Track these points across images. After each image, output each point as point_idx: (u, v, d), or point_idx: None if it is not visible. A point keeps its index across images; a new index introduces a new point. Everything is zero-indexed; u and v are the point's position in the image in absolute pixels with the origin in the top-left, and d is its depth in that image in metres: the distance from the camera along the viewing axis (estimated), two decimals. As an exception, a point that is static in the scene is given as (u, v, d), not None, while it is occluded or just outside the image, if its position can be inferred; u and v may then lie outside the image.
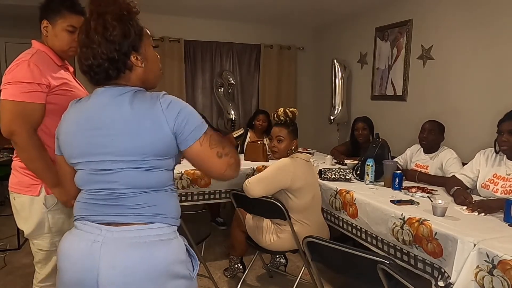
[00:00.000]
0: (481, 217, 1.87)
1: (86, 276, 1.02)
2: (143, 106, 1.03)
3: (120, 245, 1.03)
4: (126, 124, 1.03)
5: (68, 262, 1.07)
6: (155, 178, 1.07)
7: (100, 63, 1.04)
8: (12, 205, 1.61)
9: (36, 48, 1.56)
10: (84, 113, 1.09)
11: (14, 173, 1.58)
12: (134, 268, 1.01)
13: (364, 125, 3.55)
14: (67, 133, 1.12)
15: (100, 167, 1.06)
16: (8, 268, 2.89)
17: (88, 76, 1.09)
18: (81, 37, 1.06)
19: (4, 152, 3.58)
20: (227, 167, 1.10)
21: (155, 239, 1.05)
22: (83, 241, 1.06)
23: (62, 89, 1.55)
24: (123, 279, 1.01)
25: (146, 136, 1.02)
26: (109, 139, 1.04)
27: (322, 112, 5.32)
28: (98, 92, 1.10)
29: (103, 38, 1.03)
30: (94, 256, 1.02)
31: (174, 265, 1.07)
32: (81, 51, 1.06)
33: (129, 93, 1.06)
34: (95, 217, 1.07)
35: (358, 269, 1.49)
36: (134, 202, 1.06)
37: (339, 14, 4.67)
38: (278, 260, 2.87)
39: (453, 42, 3.36)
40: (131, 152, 1.03)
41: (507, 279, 1.38)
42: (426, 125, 2.79)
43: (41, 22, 1.58)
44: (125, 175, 1.04)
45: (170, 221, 1.10)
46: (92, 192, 1.09)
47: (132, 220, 1.05)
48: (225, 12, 4.59)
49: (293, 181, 2.18)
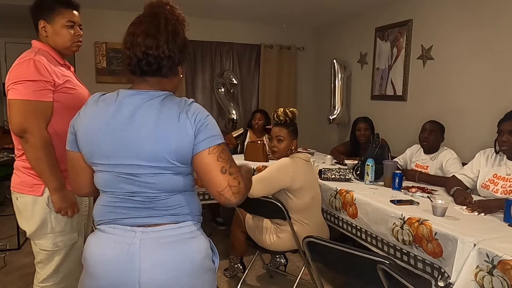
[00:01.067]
0: (481, 217, 1.87)
1: (126, 278, 1.05)
2: (172, 112, 1.05)
3: (157, 245, 1.07)
4: (155, 128, 1.03)
5: (104, 266, 1.07)
6: (183, 182, 1.11)
7: (160, 56, 1.06)
8: (14, 205, 1.60)
9: (37, 47, 1.56)
10: (111, 112, 1.07)
11: (17, 173, 1.58)
12: (175, 264, 1.07)
13: (366, 125, 3.54)
14: (90, 132, 1.08)
15: (129, 171, 1.06)
16: (8, 268, 2.88)
17: (135, 62, 1.07)
18: (146, 27, 1.06)
19: (4, 152, 3.58)
20: (226, 187, 1.05)
21: (188, 236, 1.11)
22: (117, 244, 1.07)
23: (66, 87, 1.56)
24: (165, 276, 1.05)
25: (172, 141, 1.04)
26: (137, 142, 1.04)
27: (322, 112, 5.31)
28: (127, 93, 1.09)
29: (172, 37, 1.07)
30: (133, 258, 1.05)
31: (206, 259, 1.14)
32: (146, 39, 1.05)
33: (159, 98, 1.08)
34: (126, 220, 1.09)
35: (358, 269, 1.49)
36: (167, 204, 1.10)
37: (339, 14, 4.67)
38: (278, 260, 2.87)
39: (453, 42, 3.36)
40: (158, 158, 1.04)
41: (507, 279, 1.38)
42: (426, 126, 2.79)
43: (38, 23, 1.57)
44: (154, 179, 1.06)
45: (197, 218, 1.17)
46: (119, 195, 1.09)
47: (166, 221, 1.10)
48: (225, 12, 4.59)
49: (293, 181, 2.18)
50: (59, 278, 1.61)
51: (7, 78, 1.49)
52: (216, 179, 1.05)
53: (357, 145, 3.62)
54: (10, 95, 1.46)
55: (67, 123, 1.26)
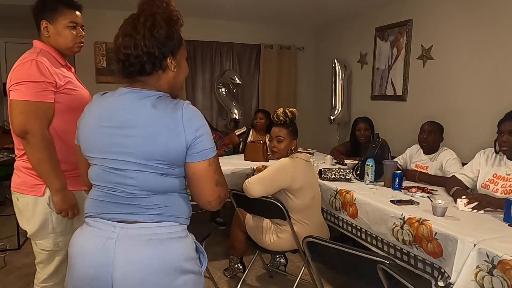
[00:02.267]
0: (481, 217, 1.87)
1: (100, 271, 1.05)
2: (164, 112, 1.05)
3: (134, 242, 1.06)
4: (144, 127, 1.05)
5: (82, 258, 1.09)
6: (167, 183, 1.10)
7: (140, 54, 1.05)
8: (15, 205, 1.60)
9: (39, 47, 1.56)
10: (106, 109, 1.10)
11: (18, 173, 1.58)
12: (148, 263, 1.05)
13: (366, 126, 3.54)
14: (87, 126, 1.13)
15: (115, 166, 1.07)
16: (8, 268, 2.88)
17: (121, 66, 1.09)
18: (125, 28, 1.08)
19: (4, 152, 3.58)
20: (216, 198, 1.13)
21: (167, 236, 1.09)
22: (96, 237, 1.08)
23: (67, 88, 1.55)
24: (138, 274, 1.04)
25: (161, 142, 1.04)
26: (126, 139, 1.06)
27: (322, 112, 5.32)
28: (123, 91, 1.11)
29: (149, 32, 1.05)
30: (109, 252, 1.05)
31: (185, 261, 1.11)
32: (123, 39, 1.06)
33: (153, 97, 1.08)
34: (108, 215, 1.10)
35: (358, 269, 1.49)
36: (148, 203, 1.09)
37: (339, 14, 4.67)
38: (278, 260, 2.87)
39: (453, 42, 3.36)
40: (144, 156, 1.05)
41: (507, 279, 1.38)
42: (425, 126, 2.79)
43: (40, 23, 1.57)
44: (139, 177, 1.07)
45: (182, 220, 1.14)
46: (104, 190, 1.11)
47: (146, 219, 1.09)
48: (225, 12, 4.59)
49: (293, 181, 2.18)
50: (59, 278, 1.61)
51: (9, 79, 1.48)
52: (210, 190, 1.12)
53: (357, 145, 3.62)
54: (11, 95, 1.46)
55: (68, 124, 1.26)
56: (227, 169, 2.91)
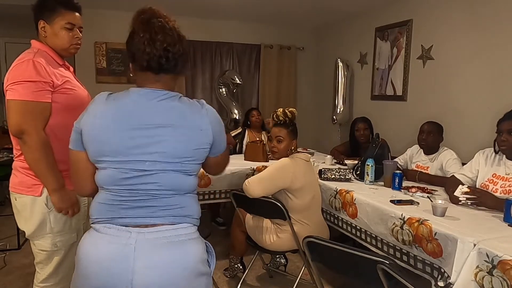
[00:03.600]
0: (481, 217, 1.87)
1: (118, 279, 1.04)
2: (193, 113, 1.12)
3: (154, 246, 1.06)
4: (177, 128, 1.08)
5: (97, 267, 1.06)
6: (188, 182, 1.14)
7: (178, 53, 1.11)
8: (13, 206, 1.60)
9: (37, 47, 1.56)
10: (123, 111, 1.08)
11: (16, 173, 1.58)
12: (170, 267, 1.06)
13: (365, 125, 3.54)
14: (100, 129, 1.07)
15: (139, 167, 1.07)
16: (8, 268, 2.88)
17: (156, 58, 1.08)
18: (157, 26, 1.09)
19: (4, 152, 3.58)
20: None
21: (185, 238, 1.11)
22: (112, 244, 1.06)
23: (65, 88, 1.55)
24: (159, 279, 1.04)
25: (195, 142, 1.11)
26: (154, 140, 1.07)
27: (322, 112, 5.32)
28: (141, 92, 1.10)
29: (180, 37, 1.13)
30: (128, 259, 1.03)
31: (201, 262, 1.13)
32: (164, 36, 1.08)
33: (175, 97, 1.12)
34: (121, 219, 1.08)
35: (358, 269, 1.49)
36: (167, 203, 1.10)
37: (339, 14, 4.67)
38: (278, 260, 2.87)
39: (453, 42, 3.36)
40: (179, 155, 1.08)
41: (507, 279, 1.38)
42: (424, 127, 2.79)
43: (38, 23, 1.57)
44: (164, 176, 1.08)
45: (195, 221, 1.18)
46: (119, 193, 1.08)
47: (163, 221, 1.09)
48: (225, 12, 4.59)
49: (293, 181, 2.18)
50: (58, 278, 1.61)
51: (6, 79, 1.48)
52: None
53: (357, 145, 3.62)
54: (8, 95, 1.46)
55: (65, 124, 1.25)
56: (227, 169, 2.87)
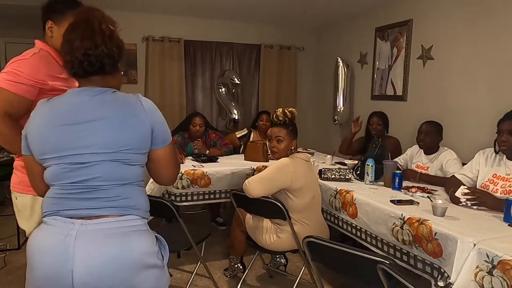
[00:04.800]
0: (481, 217, 1.87)
1: (60, 270, 1.05)
2: (126, 103, 1.13)
3: (95, 237, 1.07)
4: (109, 119, 1.10)
5: (40, 257, 1.08)
6: (130, 171, 1.14)
7: (101, 55, 1.12)
8: (14, 205, 1.61)
9: (39, 47, 1.57)
10: (59, 110, 1.13)
11: (16, 172, 1.58)
12: (110, 258, 1.06)
13: (379, 120, 3.51)
14: (39, 130, 1.13)
15: (77, 160, 1.09)
16: (8, 268, 2.88)
17: (77, 64, 1.12)
18: (81, 31, 1.13)
19: (4, 152, 3.58)
20: (175, 176, 1.31)
21: (129, 229, 1.11)
22: (55, 235, 1.08)
23: (63, 89, 1.54)
24: (99, 270, 1.04)
25: (129, 130, 1.11)
26: (89, 132, 1.09)
27: (322, 112, 5.32)
28: (74, 91, 1.15)
29: (108, 36, 1.14)
30: (68, 249, 1.04)
31: (147, 255, 1.13)
32: (83, 41, 1.11)
33: (109, 92, 1.14)
34: (67, 211, 1.10)
35: (358, 269, 1.49)
36: (109, 195, 1.11)
37: (339, 14, 4.67)
38: (278, 260, 2.87)
39: (453, 42, 3.36)
40: (112, 145, 1.09)
41: (506, 279, 1.38)
42: (422, 127, 2.79)
43: (46, 23, 1.58)
44: (102, 167, 1.09)
45: (142, 213, 1.17)
46: (65, 187, 1.11)
47: (107, 212, 1.10)
48: (225, 12, 4.59)
49: (293, 181, 2.18)
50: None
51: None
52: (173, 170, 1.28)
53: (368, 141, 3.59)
54: None
55: None
56: (227, 169, 2.91)
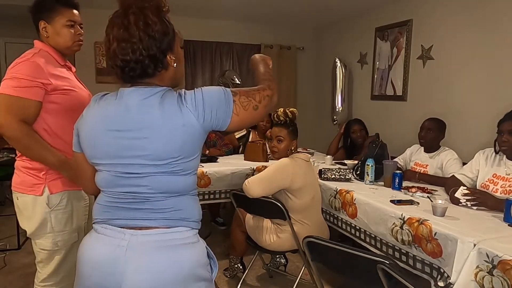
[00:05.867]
0: (481, 217, 1.87)
1: (109, 281, 1.02)
2: (173, 110, 1.01)
3: (146, 249, 1.02)
4: (157, 128, 1.00)
5: (90, 267, 1.05)
6: (182, 182, 1.07)
7: (140, 59, 1.01)
8: (15, 205, 1.61)
9: (39, 47, 1.56)
10: (110, 113, 1.05)
11: (17, 172, 1.58)
12: (161, 271, 1.01)
13: (361, 127, 3.67)
14: (90, 131, 1.07)
15: (128, 170, 1.03)
16: (8, 268, 2.88)
17: (120, 71, 1.04)
18: (117, 31, 1.01)
19: (4, 152, 3.58)
20: (265, 110, 1.13)
21: (180, 242, 1.06)
22: (105, 245, 1.04)
23: (65, 88, 1.55)
24: (149, 283, 1.01)
25: (179, 139, 1.01)
26: (138, 142, 1.01)
27: (322, 112, 5.32)
28: (125, 92, 1.05)
29: (145, 33, 1.00)
30: (119, 261, 1.01)
31: (198, 268, 1.08)
32: (118, 46, 1.00)
33: (158, 95, 1.03)
34: (117, 221, 1.06)
35: (358, 269, 1.49)
36: (161, 206, 1.05)
37: (339, 14, 4.67)
38: (278, 260, 2.87)
39: (453, 42, 3.36)
40: (163, 156, 1.01)
41: (507, 279, 1.38)
42: (425, 124, 2.80)
43: (38, 24, 1.57)
44: (154, 179, 1.03)
45: (193, 224, 1.11)
46: (115, 195, 1.07)
47: (157, 224, 1.05)
48: (225, 12, 4.59)
49: (293, 181, 2.18)
50: (59, 277, 1.61)
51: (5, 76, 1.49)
52: (258, 116, 1.12)
53: (353, 146, 3.72)
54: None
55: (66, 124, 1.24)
56: (227, 169, 2.91)
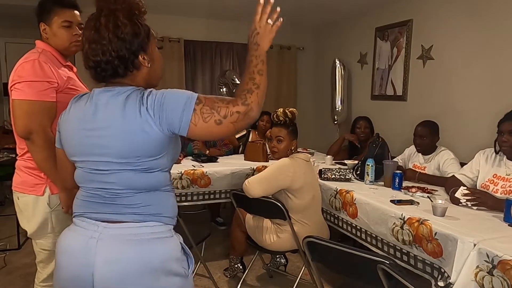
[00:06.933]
0: (481, 217, 1.87)
1: (82, 271, 1.05)
2: (132, 111, 1.03)
3: (116, 241, 1.06)
4: (119, 127, 1.03)
5: (66, 257, 1.10)
6: (151, 179, 1.09)
7: (109, 60, 1.04)
8: (16, 205, 1.61)
9: (41, 48, 1.57)
10: (82, 112, 1.10)
11: (18, 172, 1.58)
12: (129, 263, 1.04)
13: (367, 124, 3.62)
14: (67, 130, 1.14)
15: (97, 167, 1.08)
16: (8, 268, 2.88)
17: (93, 71, 1.08)
18: (89, 33, 1.05)
19: (4, 152, 3.58)
20: (233, 126, 1.04)
21: (150, 236, 1.08)
22: (80, 236, 1.09)
23: (69, 87, 1.56)
24: (118, 274, 1.04)
25: (138, 139, 1.03)
26: (104, 140, 1.05)
27: (322, 112, 5.32)
28: (95, 92, 1.10)
29: (114, 35, 1.03)
30: (90, 252, 1.04)
31: (169, 262, 1.10)
32: (90, 47, 1.05)
33: (124, 95, 1.05)
34: (92, 214, 1.10)
35: (358, 269, 1.49)
36: (130, 202, 1.09)
37: (339, 14, 4.67)
38: (278, 260, 2.87)
39: (453, 42, 3.36)
40: (125, 155, 1.05)
41: (507, 279, 1.38)
42: (417, 130, 2.76)
43: (39, 26, 1.59)
44: (121, 176, 1.07)
45: (166, 220, 1.13)
46: (89, 190, 1.12)
47: (128, 219, 1.08)
48: (225, 12, 4.58)
49: (293, 181, 2.18)
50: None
51: (11, 78, 1.49)
52: (221, 131, 1.05)
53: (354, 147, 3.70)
54: (14, 95, 1.46)
55: None
56: (227, 169, 2.91)
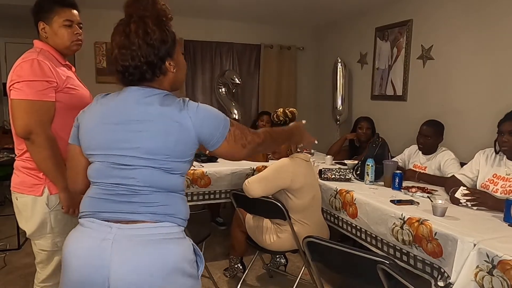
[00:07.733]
0: (481, 217, 1.87)
1: (96, 274, 1.03)
2: (172, 109, 1.08)
3: (132, 243, 1.05)
4: (154, 124, 1.06)
5: (76, 261, 1.07)
6: (171, 181, 1.12)
7: (138, 65, 1.08)
8: (14, 205, 1.60)
9: (39, 47, 1.56)
10: (111, 107, 1.12)
11: (17, 173, 1.58)
12: (146, 265, 1.04)
13: (368, 125, 3.62)
14: (90, 123, 1.14)
15: (120, 162, 1.08)
16: (8, 268, 2.88)
17: (121, 76, 1.12)
18: (119, 38, 1.09)
19: (4, 152, 3.58)
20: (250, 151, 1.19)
21: (165, 237, 1.08)
22: (90, 238, 1.07)
23: (67, 87, 1.56)
24: (135, 276, 1.03)
25: (172, 138, 1.07)
26: (134, 135, 1.07)
27: (323, 112, 5.32)
28: (129, 89, 1.12)
29: (143, 41, 1.07)
30: (105, 254, 1.03)
31: (184, 263, 1.10)
32: (119, 52, 1.09)
33: (160, 95, 1.10)
34: (104, 214, 1.09)
35: (358, 269, 1.49)
36: (148, 200, 1.09)
37: (339, 14, 4.67)
38: (278, 260, 2.87)
39: (453, 42, 3.36)
40: (155, 152, 1.06)
41: (507, 279, 1.38)
42: (423, 129, 2.77)
43: (38, 25, 1.58)
44: (144, 172, 1.08)
45: (179, 221, 1.14)
46: (105, 187, 1.10)
47: (144, 218, 1.08)
48: (225, 12, 4.58)
49: (293, 181, 2.18)
50: (59, 278, 1.60)
51: (9, 78, 1.48)
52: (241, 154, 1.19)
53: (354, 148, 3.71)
54: (12, 95, 1.45)
55: (67, 123, 1.25)
56: (227, 169, 2.91)
